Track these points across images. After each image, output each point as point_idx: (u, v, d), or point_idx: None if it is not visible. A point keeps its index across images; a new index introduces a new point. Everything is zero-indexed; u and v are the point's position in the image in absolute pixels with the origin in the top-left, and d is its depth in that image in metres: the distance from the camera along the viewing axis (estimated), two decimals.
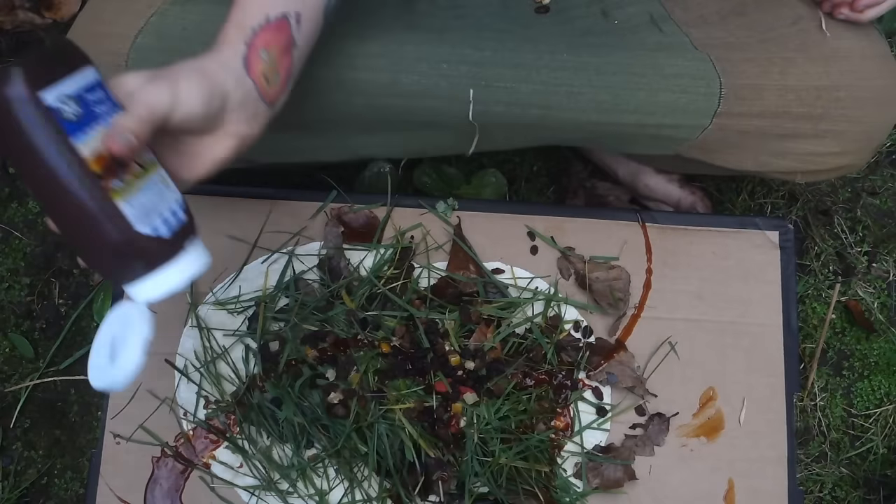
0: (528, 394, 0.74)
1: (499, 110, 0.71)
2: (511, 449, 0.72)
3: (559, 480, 0.74)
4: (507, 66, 0.70)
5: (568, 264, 0.80)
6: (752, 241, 0.82)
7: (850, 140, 0.73)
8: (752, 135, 0.72)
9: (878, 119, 0.73)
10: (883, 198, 1.07)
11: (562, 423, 0.76)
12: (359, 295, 0.76)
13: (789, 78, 0.70)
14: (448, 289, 0.77)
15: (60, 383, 0.98)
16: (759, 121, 0.71)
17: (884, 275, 1.04)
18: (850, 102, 0.71)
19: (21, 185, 1.05)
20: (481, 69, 0.70)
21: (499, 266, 0.80)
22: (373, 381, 0.73)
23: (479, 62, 0.70)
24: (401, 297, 0.76)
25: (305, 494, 0.74)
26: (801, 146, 0.73)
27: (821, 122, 0.71)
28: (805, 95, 0.70)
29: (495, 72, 0.70)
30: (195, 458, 0.76)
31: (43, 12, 1.09)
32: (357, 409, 0.72)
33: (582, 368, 0.77)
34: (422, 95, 0.70)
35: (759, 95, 0.70)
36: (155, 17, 0.68)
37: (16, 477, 0.96)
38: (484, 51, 0.70)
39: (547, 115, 0.72)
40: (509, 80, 0.70)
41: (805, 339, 1.01)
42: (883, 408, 1.00)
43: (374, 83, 0.69)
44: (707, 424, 0.78)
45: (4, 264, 1.02)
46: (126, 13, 0.69)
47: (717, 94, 0.70)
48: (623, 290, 0.79)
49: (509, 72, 0.70)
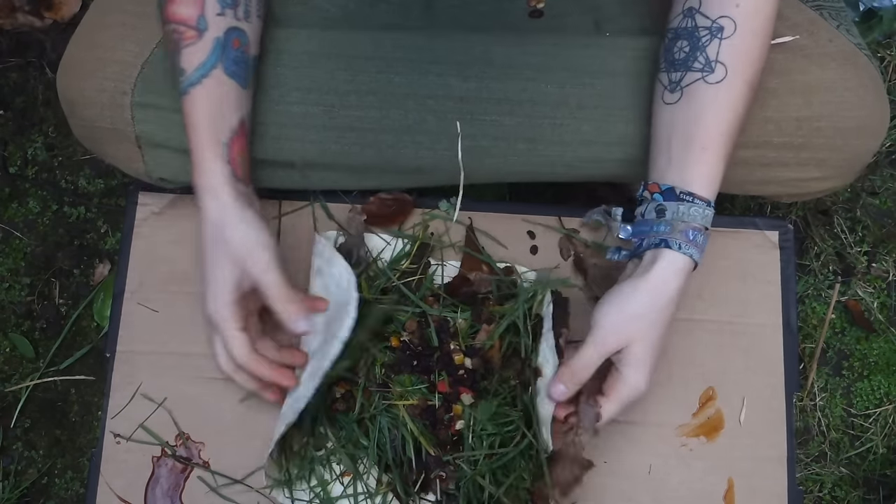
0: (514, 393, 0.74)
1: (486, 144, 0.72)
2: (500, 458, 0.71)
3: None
4: (491, 101, 0.72)
5: (570, 245, 0.80)
6: (751, 241, 0.82)
7: (832, 167, 0.73)
8: (737, 166, 0.72)
9: (860, 147, 0.72)
10: (883, 198, 1.07)
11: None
12: (375, 286, 0.76)
13: (769, 109, 0.70)
14: (462, 287, 0.77)
15: (60, 383, 0.98)
16: (742, 151, 0.71)
17: (883, 275, 1.04)
18: (832, 132, 0.70)
19: (21, 184, 1.05)
20: (467, 104, 0.72)
21: (507, 265, 0.80)
22: (380, 373, 0.73)
23: (465, 97, 0.72)
24: (415, 292, 0.76)
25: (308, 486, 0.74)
26: (784, 174, 0.73)
27: (802, 151, 0.71)
28: (786, 126, 0.70)
29: (480, 106, 0.72)
30: (195, 458, 0.76)
31: (43, 13, 1.10)
32: (362, 399, 0.72)
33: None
34: (409, 131, 0.72)
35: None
36: (158, 49, 0.70)
37: (16, 477, 0.96)
38: (469, 80, 0.72)
39: (533, 149, 0.73)
40: (494, 113, 0.72)
41: (805, 339, 1.01)
42: (882, 408, 1.00)
43: (364, 118, 0.72)
44: (707, 424, 0.78)
45: (4, 264, 1.03)
46: (128, 40, 0.71)
47: None
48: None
49: (493, 106, 0.72)
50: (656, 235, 0.65)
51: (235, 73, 0.66)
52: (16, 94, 1.08)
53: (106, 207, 1.04)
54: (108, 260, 1.02)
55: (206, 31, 0.65)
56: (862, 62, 0.72)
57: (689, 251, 0.64)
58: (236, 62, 0.66)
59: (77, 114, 0.72)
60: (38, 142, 1.06)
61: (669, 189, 0.65)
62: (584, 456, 0.69)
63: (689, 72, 0.66)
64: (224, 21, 0.65)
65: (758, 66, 0.66)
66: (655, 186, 0.66)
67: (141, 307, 0.79)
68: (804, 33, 0.72)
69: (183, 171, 0.73)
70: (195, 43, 0.65)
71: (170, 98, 0.69)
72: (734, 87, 0.65)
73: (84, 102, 0.70)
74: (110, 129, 0.71)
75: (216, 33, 0.65)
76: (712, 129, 0.65)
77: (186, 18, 0.65)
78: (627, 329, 0.65)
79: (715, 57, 0.64)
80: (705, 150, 0.65)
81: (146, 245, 0.81)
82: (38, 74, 1.09)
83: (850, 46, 0.72)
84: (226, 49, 0.65)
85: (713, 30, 0.65)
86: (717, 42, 0.64)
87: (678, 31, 0.67)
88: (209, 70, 0.65)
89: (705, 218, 0.65)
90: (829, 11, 0.74)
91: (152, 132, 0.71)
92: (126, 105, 0.70)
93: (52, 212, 1.04)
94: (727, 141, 0.65)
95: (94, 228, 1.04)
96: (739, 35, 0.64)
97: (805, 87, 0.70)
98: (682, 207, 0.64)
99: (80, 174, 1.05)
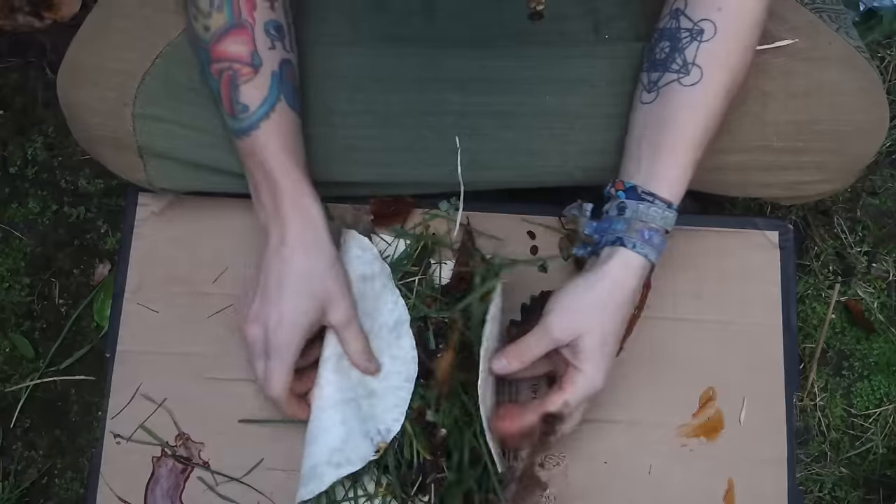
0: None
1: (486, 158, 0.72)
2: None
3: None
4: (489, 114, 0.73)
5: (570, 245, 0.79)
6: (751, 241, 0.82)
7: (832, 170, 0.73)
8: (735, 169, 0.72)
9: (860, 150, 0.73)
10: (883, 198, 1.07)
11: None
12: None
13: (768, 112, 0.70)
14: (460, 286, 0.77)
15: (60, 383, 0.98)
16: (741, 155, 0.71)
17: (884, 275, 1.04)
18: (831, 136, 0.70)
19: (21, 185, 1.05)
20: (465, 119, 0.73)
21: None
22: None
23: (463, 111, 0.72)
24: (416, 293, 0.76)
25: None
26: (784, 177, 0.73)
27: (802, 155, 0.71)
28: (785, 129, 0.70)
29: (479, 121, 0.73)
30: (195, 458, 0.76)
31: (43, 12, 1.09)
32: None
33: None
34: (409, 149, 0.73)
35: (739, 130, 0.70)
36: (160, 60, 0.70)
37: (16, 477, 0.96)
38: (468, 95, 0.72)
39: (533, 161, 0.73)
40: (492, 127, 0.73)
41: (805, 339, 1.01)
42: (883, 408, 1.00)
43: (366, 138, 0.73)
44: (707, 424, 0.78)
45: (4, 264, 1.02)
46: (130, 49, 0.70)
47: None
48: None
49: (491, 120, 0.73)
50: (613, 233, 0.65)
51: (294, 104, 0.67)
52: (16, 94, 1.08)
53: (106, 207, 1.04)
54: (108, 260, 1.02)
55: (262, 66, 0.64)
56: (861, 65, 0.72)
57: (643, 250, 0.64)
58: (294, 93, 0.67)
59: (78, 119, 0.72)
60: (38, 142, 1.06)
61: (633, 188, 0.65)
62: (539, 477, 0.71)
63: (666, 72, 0.65)
64: (277, 54, 0.65)
65: (737, 73, 0.65)
66: (621, 184, 0.66)
67: (141, 307, 0.79)
68: (803, 36, 0.71)
69: (185, 182, 0.74)
70: (253, 79, 0.64)
71: (172, 110, 0.70)
72: (708, 91, 0.64)
73: (85, 109, 0.70)
74: (111, 138, 0.71)
75: (272, 67, 0.65)
76: (682, 132, 0.64)
77: (240, 55, 0.64)
78: (577, 320, 0.65)
79: (692, 59, 0.64)
80: (673, 152, 0.65)
81: (146, 245, 0.81)
82: (37, 75, 1.09)
83: (849, 49, 0.72)
84: (283, 82, 0.65)
85: (694, 32, 0.64)
86: (696, 44, 0.64)
87: (662, 32, 0.67)
88: (274, 104, 0.65)
89: (664, 219, 0.65)
90: (829, 14, 0.74)
91: (154, 143, 0.71)
92: (127, 116, 0.69)
93: (52, 212, 1.04)
94: (696, 145, 0.65)
95: (94, 228, 1.04)
96: (719, 39, 0.64)
97: (804, 90, 0.70)
98: (642, 207, 0.64)
99: (80, 174, 1.05)
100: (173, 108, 0.70)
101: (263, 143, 0.65)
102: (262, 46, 0.64)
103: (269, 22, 0.65)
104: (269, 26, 0.65)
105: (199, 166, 0.73)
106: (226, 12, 0.64)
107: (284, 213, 0.65)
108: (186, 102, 0.70)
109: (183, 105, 0.70)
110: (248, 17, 0.64)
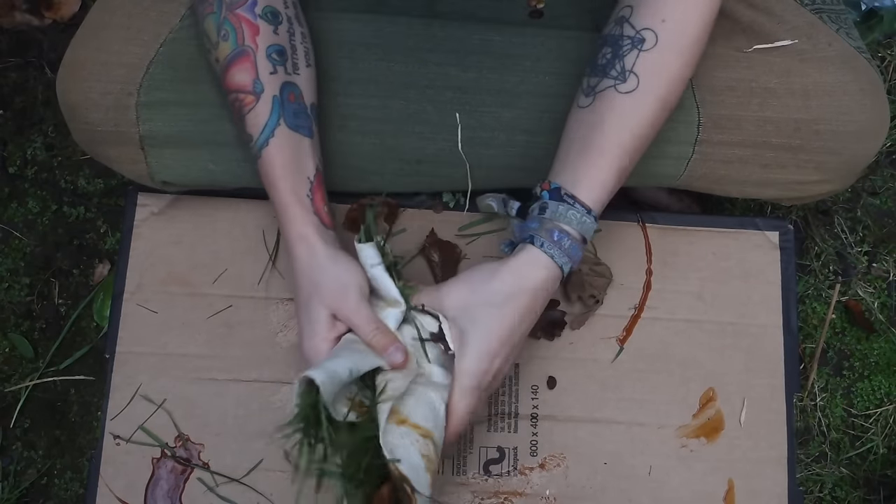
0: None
1: (485, 136, 0.72)
2: None
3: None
4: (489, 92, 0.73)
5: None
6: (752, 242, 0.82)
7: (831, 170, 0.73)
8: (735, 164, 0.72)
9: (860, 151, 0.72)
10: (883, 198, 1.07)
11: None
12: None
13: (767, 109, 0.70)
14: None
15: (60, 383, 0.98)
16: (741, 150, 0.71)
17: (884, 275, 1.04)
18: (830, 136, 0.70)
19: (20, 184, 1.05)
20: (465, 95, 0.72)
21: None
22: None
23: (463, 87, 0.72)
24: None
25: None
26: (783, 176, 0.73)
27: (801, 153, 0.71)
28: (784, 127, 0.70)
29: (478, 98, 0.73)
30: (195, 459, 0.76)
31: (43, 12, 1.09)
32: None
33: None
34: (409, 120, 0.73)
35: (738, 126, 0.71)
36: (164, 48, 0.71)
37: (16, 477, 0.96)
38: (468, 71, 0.72)
39: (532, 141, 0.72)
40: (492, 105, 0.73)
41: (805, 339, 1.01)
42: (883, 408, 1.00)
43: (366, 107, 0.73)
44: (707, 425, 0.78)
45: (4, 264, 1.02)
46: (132, 43, 0.71)
47: (696, 123, 0.71)
48: (600, 289, 0.78)
49: (491, 97, 0.72)
50: (526, 231, 0.65)
51: (298, 126, 0.67)
52: (15, 93, 1.08)
53: (106, 207, 1.04)
54: (108, 260, 1.02)
55: (263, 92, 0.65)
56: (862, 66, 0.72)
57: (550, 251, 0.64)
58: (296, 115, 0.67)
59: (79, 117, 0.71)
60: (38, 142, 1.06)
61: (557, 189, 0.65)
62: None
63: (605, 78, 0.65)
64: (278, 78, 0.66)
65: (675, 85, 0.65)
66: (547, 185, 0.66)
67: (140, 308, 0.79)
68: (803, 37, 0.71)
69: (187, 172, 0.73)
70: (255, 106, 0.65)
71: (176, 91, 0.70)
72: (643, 100, 0.64)
73: (87, 106, 0.70)
74: (113, 132, 0.71)
75: (273, 92, 0.66)
76: (611, 138, 0.64)
77: (244, 85, 0.65)
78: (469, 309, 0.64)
79: (630, 67, 0.64)
80: (600, 157, 0.64)
81: (146, 245, 0.81)
82: (37, 74, 1.09)
83: (849, 50, 0.72)
84: (284, 105, 0.66)
85: (635, 40, 0.64)
86: (635, 53, 0.64)
87: (606, 38, 0.67)
88: (273, 128, 0.65)
89: (581, 225, 0.64)
90: (829, 14, 0.74)
91: (158, 129, 0.71)
92: (131, 106, 0.70)
93: (51, 212, 1.04)
94: (624, 153, 0.65)
95: (94, 228, 1.04)
96: (659, 50, 0.64)
97: (804, 90, 0.70)
98: (561, 208, 0.64)
99: (80, 174, 1.05)
100: (177, 89, 0.70)
101: (266, 170, 0.66)
102: (263, 72, 0.66)
103: (272, 47, 0.66)
104: (270, 51, 0.66)
105: (201, 146, 0.73)
106: (230, 41, 0.66)
107: (288, 237, 0.66)
108: (188, 81, 0.71)
109: (186, 84, 0.71)
110: (251, 43, 0.66)
